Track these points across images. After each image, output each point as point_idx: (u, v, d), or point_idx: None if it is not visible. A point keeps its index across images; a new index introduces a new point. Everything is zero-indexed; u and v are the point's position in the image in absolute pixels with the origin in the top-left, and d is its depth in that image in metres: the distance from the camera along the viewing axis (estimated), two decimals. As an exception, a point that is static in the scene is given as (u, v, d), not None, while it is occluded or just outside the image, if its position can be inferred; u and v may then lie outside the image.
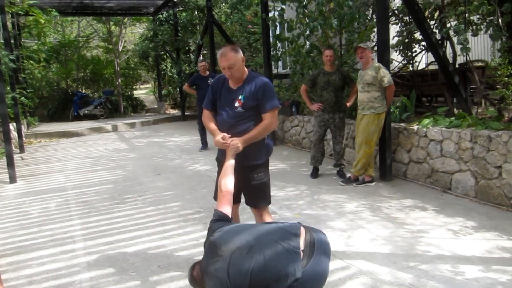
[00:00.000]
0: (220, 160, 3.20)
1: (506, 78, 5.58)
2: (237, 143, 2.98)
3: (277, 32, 8.65)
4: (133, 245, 4.05)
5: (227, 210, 2.65)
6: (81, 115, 15.70)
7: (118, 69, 17.17)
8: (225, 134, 3.06)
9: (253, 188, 3.22)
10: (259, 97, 3.05)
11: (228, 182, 2.83)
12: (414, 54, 7.91)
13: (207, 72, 8.53)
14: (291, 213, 4.71)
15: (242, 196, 3.36)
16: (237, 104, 3.09)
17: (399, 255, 3.55)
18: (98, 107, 16.04)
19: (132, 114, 17.48)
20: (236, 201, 3.21)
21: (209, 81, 8.39)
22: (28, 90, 12.99)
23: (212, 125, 3.21)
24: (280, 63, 12.22)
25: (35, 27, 11.08)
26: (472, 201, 4.81)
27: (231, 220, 2.66)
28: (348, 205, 4.89)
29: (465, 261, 3.39)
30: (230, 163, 2.95)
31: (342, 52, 7.91)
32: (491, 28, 5.44)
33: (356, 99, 5.87)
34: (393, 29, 8.31)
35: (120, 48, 17.75)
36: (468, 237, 3.85)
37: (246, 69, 3.16)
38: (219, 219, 2.58)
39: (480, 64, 7.75)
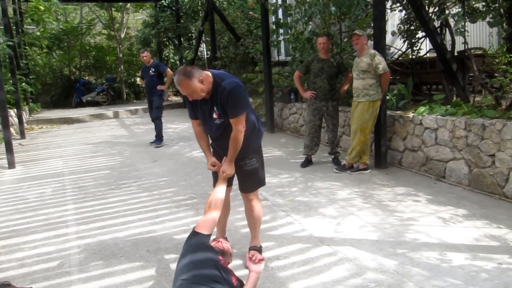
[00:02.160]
0: (213, 147, 3.34)
1: (503, 66, 5.53)
2: (228, 174, 3.12)
3: (280, 18, 8.53)
4: (125, 230, 4.10)
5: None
6: (83, 101, 15.78)
7: (121, 55, 17.15)
8: (215, 160, 3.21)
9: (245, 174, 3.26)
10: (225, 105, 2.97)
11: (219, 201, 3.03)
12: (416, 41, 7.81)
13: (151, 61, 8.36)
14: (283, 200, 4.73)
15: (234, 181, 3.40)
16: (215, 116, 3.08)
17: (386, 242, 3.56)
18: (101, 94, 16.11)
19: (135, 101, 17.51)
20: (228, 184, 3.27)
21: (151, 70, 8.23)
22: (30, 77, 13.02)
23: (204, 145, 3.30)
24: (282, 50, 12.13)
25: (35, 14, 11.03)
26: (465, 189, 4.80)
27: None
28: (340, 192, 4.89)
29: (452, 248, 3.39)
30: (222, 188, 3.12)
31: (342, 40, 7.83)
32: (489, 15, 5.37)
33: (350, 86, 5.83)
34: (398, 16, 8.27)
35: (123, 35, 17.70)
36: (457, 225, 3.85)
37: (209, 78, 2.98)
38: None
39: (479, 52, 7.65)
